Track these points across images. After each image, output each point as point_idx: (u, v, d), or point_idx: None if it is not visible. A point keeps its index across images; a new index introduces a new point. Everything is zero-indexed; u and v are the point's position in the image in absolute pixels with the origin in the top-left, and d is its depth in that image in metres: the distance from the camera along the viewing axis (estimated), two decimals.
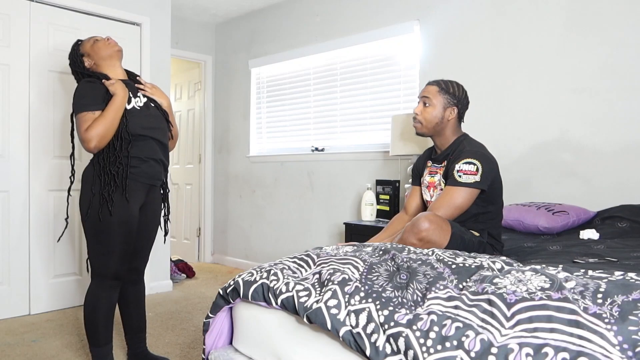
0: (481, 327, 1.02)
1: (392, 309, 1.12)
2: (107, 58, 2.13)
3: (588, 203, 2.58)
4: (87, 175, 2.03)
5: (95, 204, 1.96)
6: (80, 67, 2.13)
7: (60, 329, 2.81)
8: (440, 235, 1.73)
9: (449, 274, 1.26)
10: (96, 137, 1.93)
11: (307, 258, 1.47)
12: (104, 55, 2.12)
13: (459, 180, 1.90)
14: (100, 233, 1.97)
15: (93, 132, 1.93)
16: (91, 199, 1.97)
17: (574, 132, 2.69)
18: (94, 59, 2.13)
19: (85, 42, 2.16)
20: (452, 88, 2.06)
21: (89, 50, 2.13)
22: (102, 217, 1.96)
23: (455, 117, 2.06)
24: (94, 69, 2.13)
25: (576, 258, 1.76)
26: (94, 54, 2.12)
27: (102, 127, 1.94)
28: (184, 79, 5.20)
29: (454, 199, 1.89)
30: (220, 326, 1.52)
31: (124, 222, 2.00)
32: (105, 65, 2.13)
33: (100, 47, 2.12)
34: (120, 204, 1.98)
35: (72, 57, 2.15)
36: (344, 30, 3.79)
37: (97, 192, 1.97)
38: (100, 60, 2.12)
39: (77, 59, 2.14)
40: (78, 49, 2.16)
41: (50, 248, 3.18)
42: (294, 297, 1.26)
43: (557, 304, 1.00)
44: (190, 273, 4.24)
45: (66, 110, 3.23)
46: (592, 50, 2.64)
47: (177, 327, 2.86)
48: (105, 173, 1.99)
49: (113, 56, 2.14)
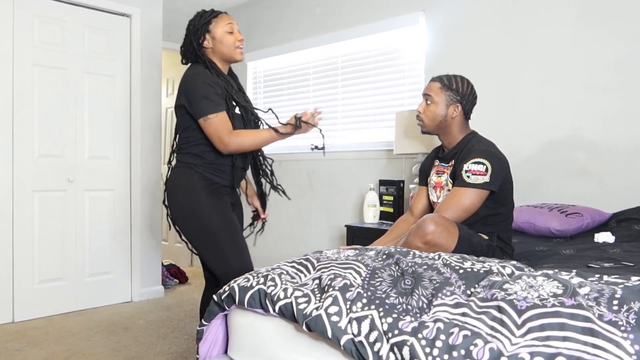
0: (490, 335, 1.01)
1: (396, 316, 1.12)
2: (227, 56, 2.06)
3: (603, 204, 2.58)
4: (191, 180, 1.99)
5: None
6: (196, 42, 2.01)
7: (45, 338, 2.81)
8: (447, 239, 1.73)
9: (456, 279, 1.26)
10: (236, 148, 1.94)
11: (307, 262, 1.47)
12: (226, 53, 2.05)
13: (467, 180, 1.90)
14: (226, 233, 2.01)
15: (238, 140, 1.93)
16: (204, 202, 1.98)
17: (587, 130, 2.69)
18: (216, 46, 2.04)
19: (219, 22, 2.04)
20: (455, 84, 2.04)
21: (219, 35, 2.02)
22: (207, 224, 1.98)
23: (460, 115, 2.04)
24: (206, 53, 2.04)
25: (590, 262, 1.76)
26: (219, 42, 2.03)
27: (248, 143, 1.96)
28: (177, 74, 5.20)
29: (462, 201, 1.89)
30: (215, 334, 1.52)
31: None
32: (218, 59, 2.06)
33: (230, 43, 2.04)
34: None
35: (194, 27, 2.02)
36: (345, 22, 3.79)
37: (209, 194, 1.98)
38: (220, 52, 2.04)
39: (200, 31, 2.01)
40: (207, 23, 2.03)
41: (35, 252, 3.18)
42: (292, 304, 1.26)
43: (571, 310, 1.00)
44: (182, 278, 4.24)
45: (53, 106, 3.24)
46: (606, 43, 2.64)
47: (169, 336, 2.86)
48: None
49: (232, 59, 2.08)
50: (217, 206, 1.99)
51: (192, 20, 2.06)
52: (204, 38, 2.02)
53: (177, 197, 2.01)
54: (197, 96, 1.92)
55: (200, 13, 2.06)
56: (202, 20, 2.03)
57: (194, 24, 2.04)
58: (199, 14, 2.06)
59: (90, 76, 3.42)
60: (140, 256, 3.65)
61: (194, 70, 2.00)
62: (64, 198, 3.30)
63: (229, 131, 1.93)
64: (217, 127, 1.91)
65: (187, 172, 2.00)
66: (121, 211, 3.57)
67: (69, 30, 3.31)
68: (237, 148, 1.95)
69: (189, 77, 1.98)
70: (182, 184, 2.00)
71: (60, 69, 3.28)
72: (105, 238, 3.50)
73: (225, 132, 1.92)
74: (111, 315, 3.26)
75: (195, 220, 1.98)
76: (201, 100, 1.91)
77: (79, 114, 3.37)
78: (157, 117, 3.79)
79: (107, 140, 3.50)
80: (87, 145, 3.40)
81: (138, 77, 3.62)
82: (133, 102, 3.62)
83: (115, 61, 3.53)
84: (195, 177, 1.99)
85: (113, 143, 3.53)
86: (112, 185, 3.53)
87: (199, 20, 2.04)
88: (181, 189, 2.00)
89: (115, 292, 3.55)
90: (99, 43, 3.45)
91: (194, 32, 2.03)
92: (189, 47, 2.04)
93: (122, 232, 3.58)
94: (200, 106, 1.92)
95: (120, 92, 3.57)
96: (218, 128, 1.91)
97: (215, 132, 1.92)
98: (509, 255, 2.03)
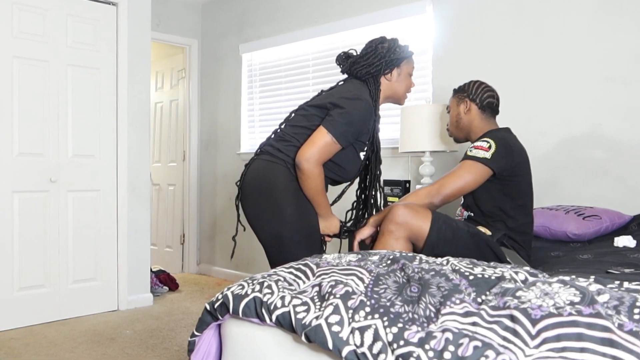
0: (502, 346, 1.01)
1: (401, 325, 1.12)
2: (396, 97, 2.15)
3: (623, 206, 2.58)
4: (280, 181, 2.01)
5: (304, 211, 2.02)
6: (383, 69, 2.06)
7: (26, 349, 2.81)
8: (416, 218, 1.82)
9: (466, 286, 1.26)
10: (307, 173, 1.94)
11: (305, 268, 1.47)
12: (399, 93, 2.15)
13: (469, 154, 2.03)
14: (308, 239, 2.03)
15: (313, 171, 1.94)
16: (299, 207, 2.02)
17: (607, 126, 2.69)
18: (395, 83, 2.12)
19: (410, 62, 2.15)
20: (460, 86, 2.29)
21: (404, 75, 2.13)
22: (312, 223, 2.03)
23: (473, 110, 2.22)
24: (381, 83, 2.10)
25: (610, 268, 1.76)
26: (400, 81, 2.12)
27: (311, 183, 1.96)
28: (166, 66, 5.20)
29: (459, 171, 2.00)
30: (208, 345, 1.52)
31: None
32: (385, 95, 2.13)
33: (407, 87, 2.15)
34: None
35: (389, 53, 2.07)
36: (347, 11, 3.79)
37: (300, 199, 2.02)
38: (394, 90, 2.13)
39: (394, 62, 2.08)
40: (404, 58, 2.11)
41: (14, 257, 3.18)
42: (290, 313, 1.25)
43: (589, 320, 1.00)
44: (173, 285, 4.24)
45: (34, 101, 3.23)
46: (628, 34, 2.64)
47: (158, 347, 2.86)
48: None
49: (398, 102, 2.19)
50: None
51: (389, 45, 2.09)
52: (391, 70, 2.09)
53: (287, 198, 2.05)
54: (345, 120, 1.96)
55: (400, 45, 2.12)
56: (401, 53, 2.10)
57: (391, 50, 2.08)
58: (397, 43, 2.11)
59: (74, 69, 3.42)
60: (127, 261, 3.65)
61: (363, 95, 2.02)
62: (45, 199, 3.31)
63: (322, 160, 1.97)
64: (322, 147, 1.94)
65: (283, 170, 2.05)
66: (107, 213, 3.57)
67: (51, 19, 3.31)
68: (307, 174, 1.96)
69: (357, 101, 1.99)
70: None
71: (41, 61, 3.28)
72: (90, 242, 3.50)
73: (320, 157, 1.95)
74: (96, 324, 3.26)
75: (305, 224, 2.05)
76: (342, 125, 1.95)
77: (61, 109, 3.37)
78: (146, 112, 3.79)
79: (92, 138, 3.50)
80: (70, 143, 3.40)
81: (125, 70, 3.62)
82: (120, 97, 3.62)
83: (100, 53, 3.53)
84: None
85: (98, 140, 3.53)
86: (97, 185, 3.53)
87: (398, 50, 2.09)
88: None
89: (100, 300, 3.55)
90: (83, 33, 3.45)
91: (388, 60, 2.07)
92: (371, 67, 2.07)
93: (108, 235, 3.58)
94: (337, 125, 1.95)
95: (106, 85, 3.57)
96: (322, 149, 1.94)
97: (318, 146, 1.94)
98: (523, 257, 2.04)
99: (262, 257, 4.36)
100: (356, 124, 1.98)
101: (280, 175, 2.00)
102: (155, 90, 5.26)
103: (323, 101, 2.03)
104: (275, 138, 2.09)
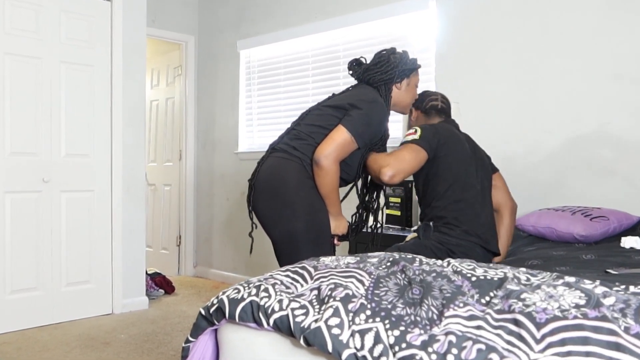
0: (507, 350, 1.01)
1: (403, 328, 1.12)
2: (401, 106, 2.26)
3: (631, 206, 2.58)
4: (295, 177, 2.06)
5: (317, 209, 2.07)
6: (395, 78, 2.18)
7: (18, 354, 2.82)
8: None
9: (468, 287, 1.26)
10: (325, 169, 2.00)
11: (303, 271, 1.47)
12: (405, 102, 2.27)
13: (402, 142, 2.15)
14: (321, 237, 2.07)
15: (331, 167, 2.01)
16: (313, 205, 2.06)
17: (615, 125, 2.69)
18: (403, 93, 2.23)
19: (417, 75, 2.27)
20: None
21: (411, 86, 2.25)
22: (324, 221, 2.08)
23: (420, 116, 2.38)
24: (390, 91, 2.20)
25: (609, 268, 1.77)
26: (407, 91, 2.24)
27: (327, 179, 2.02)
28: (162, 63, 5.21)
29: (397, 152, 2.09)
30: (203, 351, 1.52)
31: None
32: (393, 106, 2.24)
33: (413, 97, 2.28)
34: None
35: (401, 63, 2.18)
36: (347, 7, 3.79)
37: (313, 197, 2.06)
38: (401, 99, 2.24)
39: (405, 72, 2.19)
40: (414, 69, 2.22)
41: (6, 259, 3.18)
42: (288, 317, 1.26)
43: (594, 323, 1.00)
44: (169, 288, 4.24)
45: (26, 99, 3.24)
46: (636, 30, 2.64)
47: (153, 352, 2.86)
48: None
49: (402, 111, 2.31)
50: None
51: (400, 56, 2.20)
52: (402, 79, 2.20)
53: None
54: (364, 120, 2.06)
55: (411, 58, 2.23)
56: (412, 65, 2.22)
57: (404, 61, 2.19)
58: (407, 55, 2.23)
59: (68, 66, 3.42)
60: (122, 264, 3.66)
61: (379, 99, 2.14)
62: (38, 200, 3.31)
63: (340, 158, 2.04)
64: (341, 145, 2.02)
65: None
66: (101, 214, 3.58)
67: (44, 15, 3.31)
68: (325, 170, 2.02)
69: (375, 104, 2.10)
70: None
71: (34, 57, 3.28)
72: (84, 244, 3.50)
73: (339, 154, 2.03)
74: (90, 328, 3.27)
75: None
76: (361, 125, 2.05)
77: (54, 107, 3.37)
78: (141, 110, 3.79)
79: (85, 137, 3.50)
80: (63, 142, 3.41)
81: (120, 67, 3.63)
82: (114, 95, 3.62)
83: (94, 49, 3.54)
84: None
85: (92, 139, 3.54)
86: (91, 185, 3.53)
87: (409, 62, 2.21)
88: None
89: (94, 304, 3.55)
90: (77, 30, 3.45)
91: (401, 69, 2.18)
92: (385, 74, 2.17)
93: (102, 237, 3.58)
94: (356, 125, 2.04)
95: (100, 83, 3.57)
96: (341, 147, 2.02)
97: (337, 144, 2.01)
98: (451, 236, 2.10)
99: (261, 259, 4.36)
100: (374, 126, 2.09)
101: (294, 172, 2.04)
102: (150, 87, 5.27)
103: (340, 102, 2.11)
104: (289, 137, 2.14)
